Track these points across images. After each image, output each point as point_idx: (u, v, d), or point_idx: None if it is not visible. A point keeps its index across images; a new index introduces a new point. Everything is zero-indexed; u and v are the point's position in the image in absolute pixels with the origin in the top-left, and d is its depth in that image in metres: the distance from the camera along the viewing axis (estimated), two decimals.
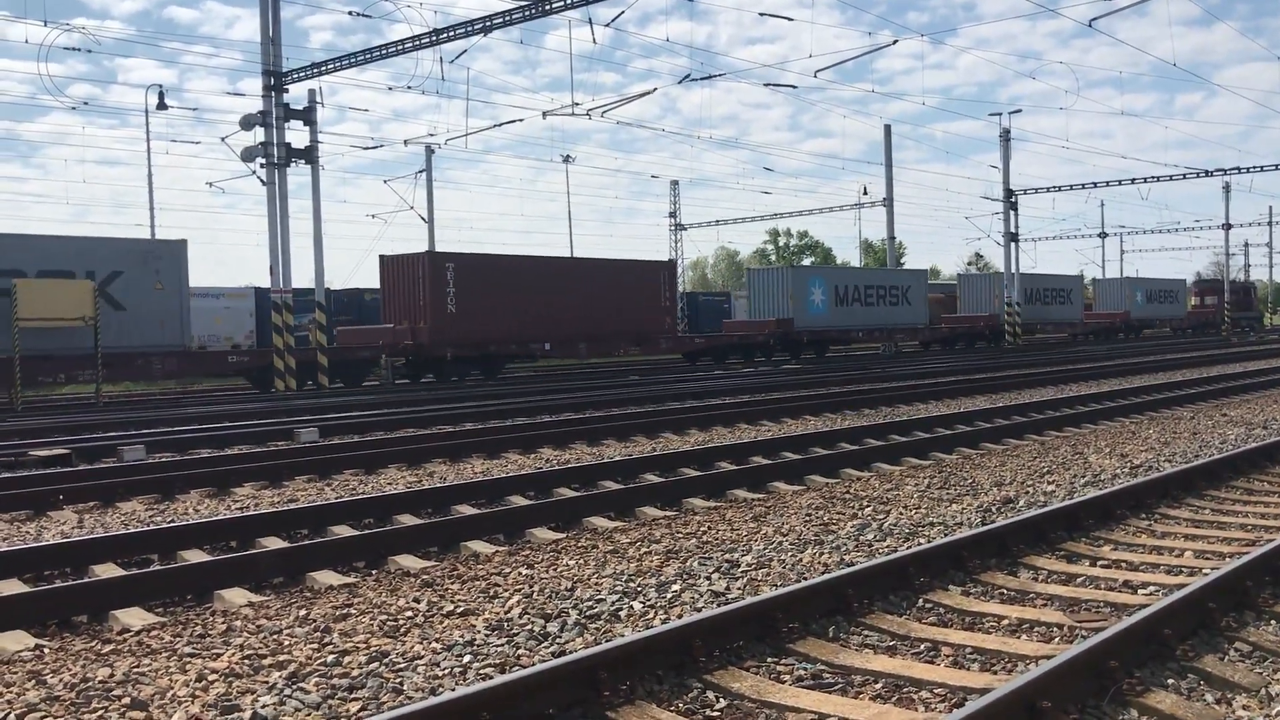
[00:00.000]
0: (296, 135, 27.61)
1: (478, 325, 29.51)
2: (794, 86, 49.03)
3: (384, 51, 27.03)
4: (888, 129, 51.23)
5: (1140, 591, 6.14)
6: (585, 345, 32.80)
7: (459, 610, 6.10)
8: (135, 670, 5.13)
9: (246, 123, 27.15)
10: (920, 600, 5.98)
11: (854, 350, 47.29)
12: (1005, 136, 51.62)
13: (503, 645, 5.33)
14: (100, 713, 4.58)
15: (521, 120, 48.09)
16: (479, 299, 29.55)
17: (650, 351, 36.18)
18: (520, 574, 6.99)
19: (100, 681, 4.96)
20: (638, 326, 34.08)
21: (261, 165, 27.19)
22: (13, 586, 6.88)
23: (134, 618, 6.15)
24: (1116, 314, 62.41)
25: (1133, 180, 51.50)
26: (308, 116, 27.59)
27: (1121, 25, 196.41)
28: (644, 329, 34.32)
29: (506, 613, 5.97)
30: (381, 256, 30.75)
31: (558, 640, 5.41)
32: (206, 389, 30.02)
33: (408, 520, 8.82)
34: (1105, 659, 4.50)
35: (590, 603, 6.06)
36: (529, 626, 5.63)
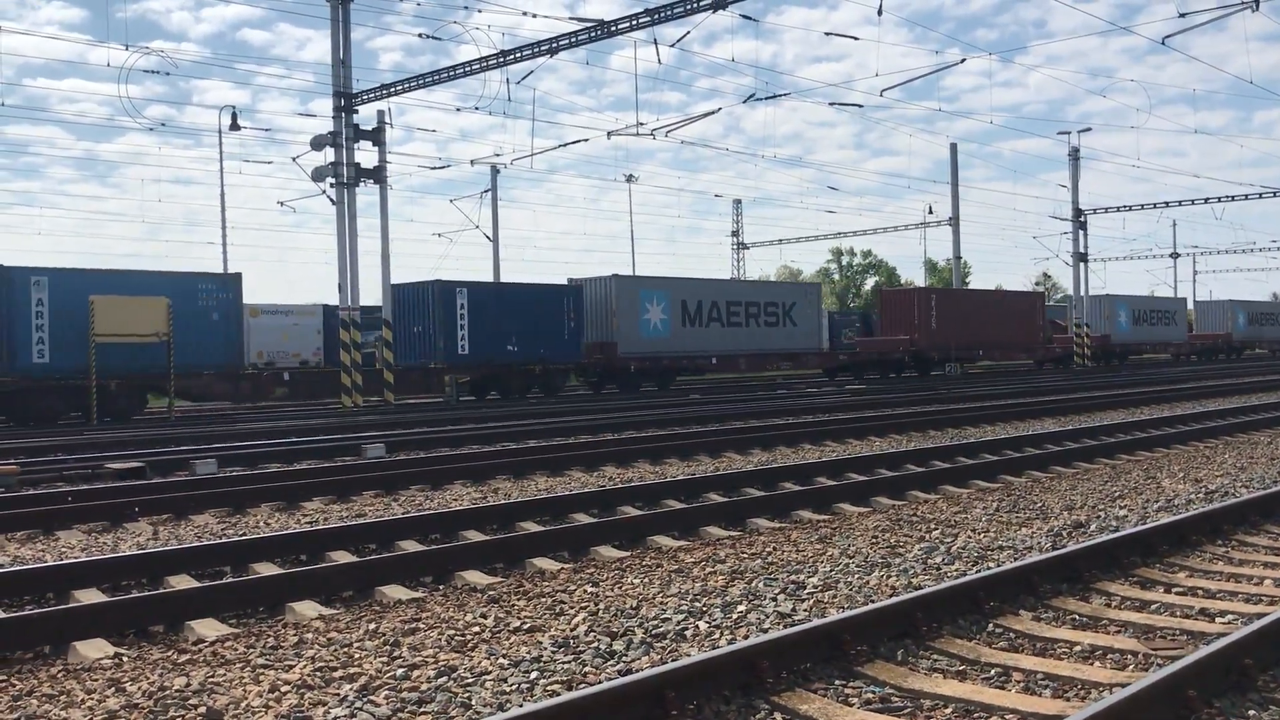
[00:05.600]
0: (365, 155, 28.14)
1: (947, 338, 42.66)
2: (859, 105, 48.95)
3: (452, 73, 27.44)
4: (954, 147, 50.79)
5: (1218, 620, 6.00)
6: (999, 351, 47.31)
7: (525, 626, 6.14)
8: (210, 680, 5.24)
9: (317, 143, 27.69)
10: (990, 625, 5.90)
11: (1144, 358, 60.02)
12: (1074, 155, 51.01)
13: (569, 662, 5.35)
14: None
15: (586, 140, 48.56)
16: (946, 319, 42.74)
17: (1033, 356, 49.85)
18: (585, 591, 7.01)
19: (177, 690, 5.07)
20: (1026, 339, 47.94)
21: (331, 185, 27.71)
22: (92, 596, 7.06)
23: (208, 628, 6.27)
24: None
25: (1206, 199, 50.67)
26: (376, 137, 28.08)
27: (1196, 41, 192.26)
28: (1029, 341, 48.25)
29: (572, 630, 6.00)
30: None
31: (624, 658, 5.42)
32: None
33: (473, 536, 8.90)
34: (1183, 688, 4.40)
35: (656, 621, 6.06)
36: (595, 644, 5.64)
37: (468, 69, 27.09)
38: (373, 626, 6.23)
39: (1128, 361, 55.90)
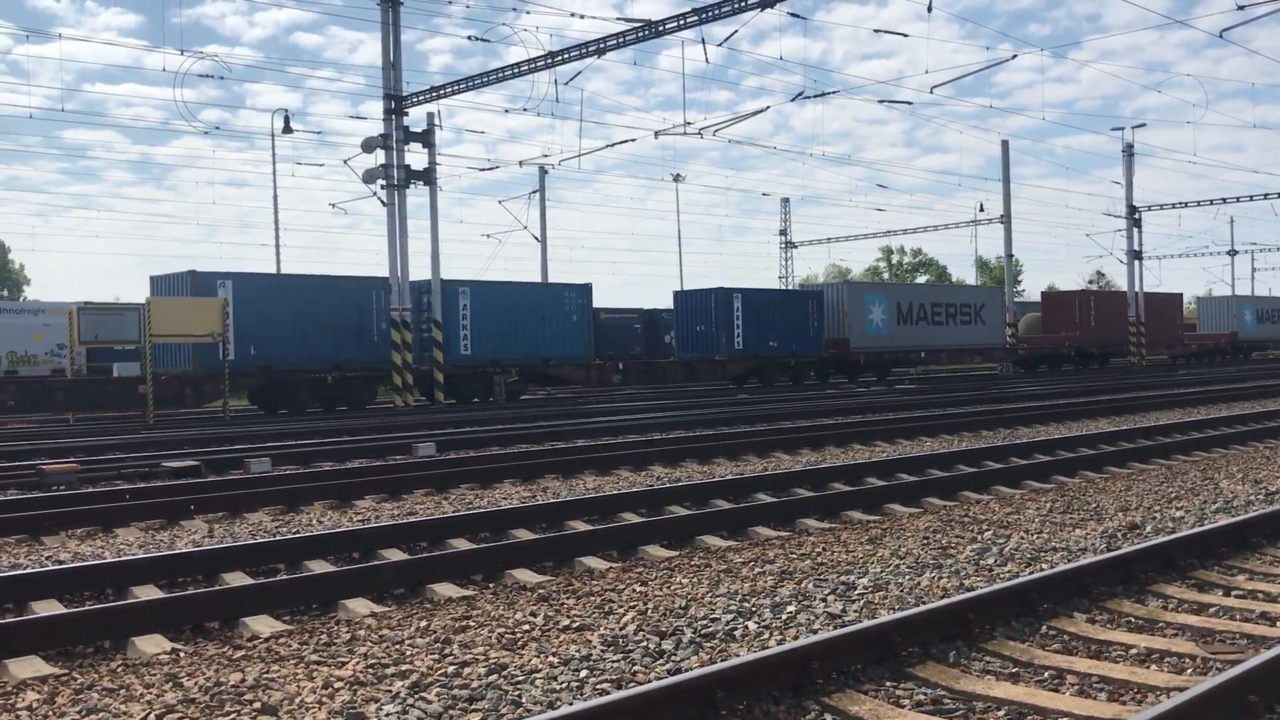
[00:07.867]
0: (415, 157, 28.38)
1: (1101, 336, 49.50)
2: (909, 103, 48.45)
3: (501, 74, 27.59)
4: (1005, 144, 50.20)
5: (1279, 624, 5.89)
6: (1146, 348, 51.83)
7: (575, 625, 6.16)
8: (265, 676, 5.31)
9: (368, 145, 27.96)
10: (1044, 627, 5.83)
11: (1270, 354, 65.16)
12: (1129, 151, 50.30)
13: (618, 661, 5.36)
14: (233, 716, 4.74)
15: (634, 140, 48.71)
16: (1103, 318, 49.36)
17: (1171, 352, 55.83)
18: (634, 590, 7.02)
19: (232, 686, 5.14)
20: (1167, 335, 54.10)
21: (382, 186, 27.97)
22: (149, 592, 7.18)
23: (263, 625, 6.36)
24: None
25: (1265, 195, 49.64)
26: (426, 139, 28.30)
27: (1257, 34, 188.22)
28: (1170, 337, 54.56)
29: (621, 629, 6.00)
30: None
31: (673, 658, 5.42)
32: None
33: (523, 534, 8.94)
34: (1244, 692, 4.32)
35: (705, 621, 6.06)
36: (644, 643, 5.65)
37: (516, 70, 27.22)
38: (424, 624, 6.28)
39: (1251, 358, 60.90)
